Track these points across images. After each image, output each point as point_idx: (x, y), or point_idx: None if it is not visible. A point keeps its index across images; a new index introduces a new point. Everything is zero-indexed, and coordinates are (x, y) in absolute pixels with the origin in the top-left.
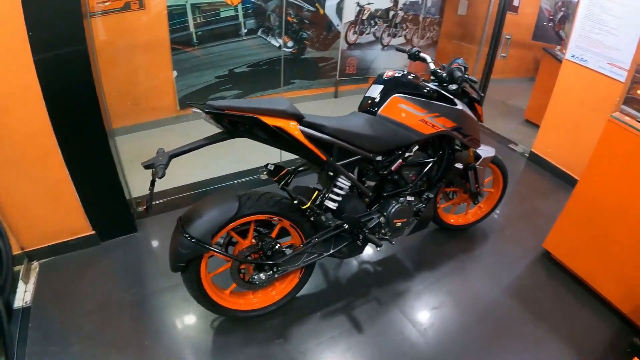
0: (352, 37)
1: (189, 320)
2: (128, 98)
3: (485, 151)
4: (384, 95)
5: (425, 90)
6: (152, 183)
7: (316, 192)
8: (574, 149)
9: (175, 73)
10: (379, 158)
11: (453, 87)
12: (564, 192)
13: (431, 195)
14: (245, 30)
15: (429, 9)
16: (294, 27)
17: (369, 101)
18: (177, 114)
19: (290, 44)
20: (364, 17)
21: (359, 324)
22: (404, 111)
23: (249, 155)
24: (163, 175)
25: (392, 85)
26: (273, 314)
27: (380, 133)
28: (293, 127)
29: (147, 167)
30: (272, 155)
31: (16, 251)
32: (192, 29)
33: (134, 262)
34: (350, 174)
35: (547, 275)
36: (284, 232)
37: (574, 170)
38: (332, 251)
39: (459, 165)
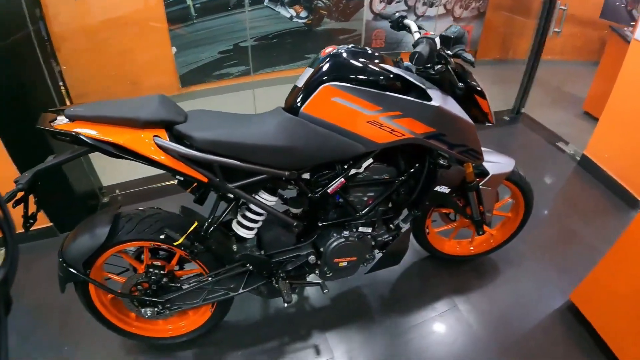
0: (379, 6)
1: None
2: (127, 78)
3: (497, 165)
4: (313, 83)
5: (381, 77)
6: (19, 202)
7: (195, 224)
8: (638, 159)
9: (174, 49)
10: (306, 176)
11: (437, 71)
12: (618, 217)
13: (403, 225)
14: (250, 0)
15: None
16: None
17: (295, 92)
18: (180, 92)
19: (303, 14)
20: None
21: None
22: (342, 108)
23: None
24: (13, 195)
25: (326, 69)
26: (188, 344)
27: (298, 142)
28: (141, 140)
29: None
30: None
31: None
32: (189, 1)
33: None
34: (260, 197)
35: (566, 336)
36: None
37: (636, 188)
38: (242, 290)
39: (444, 189)
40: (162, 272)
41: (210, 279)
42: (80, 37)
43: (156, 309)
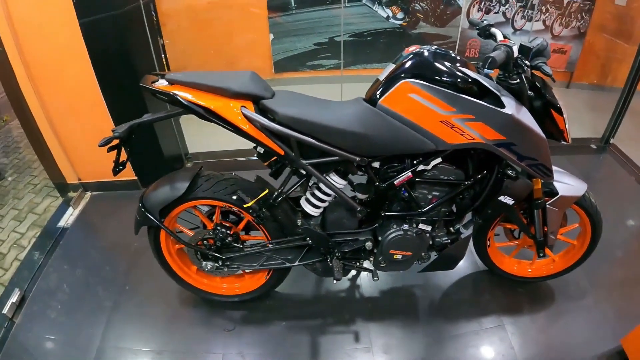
0: (476, 15)
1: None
2: (223, 57)
3: (569, 187)
4: (393, 78)
5: (459, 80)
6: (110, 149)
7: (266, 191)
8: None
9: (271, 36)
10: (376, 165)
11: (514, 80)
12: None
13: (464, 231)
14: None
15: None
16: None
17: (376, 85)
18: (272, 77)
19: (399, 15)
20: None
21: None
22: (417, 105)
23: None
24: (105, 142)
25: (408, 66)
26: (238, 305)
27: (372, 131)
28: (230, 108)
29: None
30: None
31: (73, 181)
32: None
33: None
34: (330, 178)
35: None
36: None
37: None
38: (298, 263)
39: (508, 200)
40: (228, 231)
41: (271, 245)
42: (184, 16)
43: (216, 264)
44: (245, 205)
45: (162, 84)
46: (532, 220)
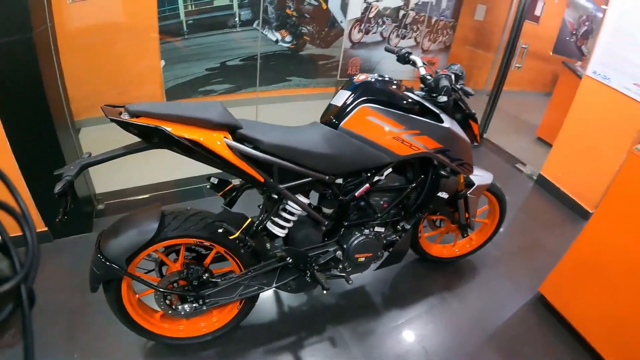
0: (356, 36)
1: (125, 337)
2: (114, 87)
3: (480, 177)
4: (351, 104)
5: (405, 102)
6: (60, 195)
7: (249, 220)
8: (588, 177)
9: (163, 62)
10: (339, 181)
11: (442, 99)
12: (572, 226)
13: (407, 227)
14: (240, 22)
15: (443, 11)
16: (293, 20)
17: (333, 111)
18: None
19: (288, 38)
20: (371, 15)
21: None
22: (374, 125)
23: None
24: (63, 188)
25: (362, 92)
26: (210, 343)
27: (340, 151)
28: (216, 141)
29: (57, 176)
30: None
31: None
32: (182, 17)
33: (83, 263)
34: (299, 199)
35: (539, 323)
36: (223, 257)
37: (586, 201)
38: (275, 285)
39: (444, 195)
40: (201, 268)
41: (250, 273)
42: (74, 42)
43: (195, 305)
44: (231, 237)
45: (125, 116)
46: (456, 208)
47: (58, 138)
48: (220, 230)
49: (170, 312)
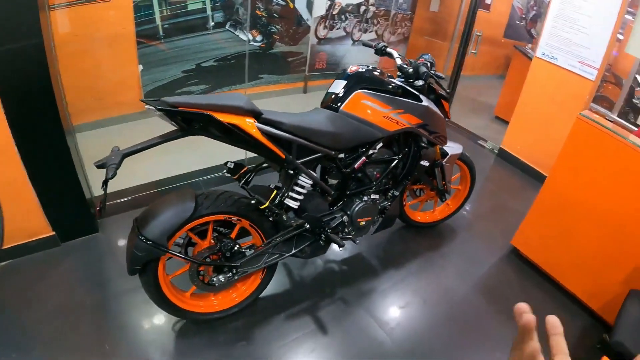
0: (322, 32)
1: (150, 322)
2: (92, 93)
3: (452, 148)
4: (347, 91)
5: (390, 87)
6: (104, 183)
7: (275, 191)
8: (543, 146)
9: (141, 67)
10: (342, 155)
11: (419, 83)
12: (533, 189)
13: (396, 193)
14: (213, 24)
15: (400, 5)
16: (263, 20)
17: (332, 97)
18: (143, 110)
19: (258, 38)
20: (335, 12)
21: (323, 324)
22: (368, 107)
23: (216, 150)
24: (114, 175)
25: (355, 81)
26: (236, 315)
27: (342, 130)
28: (249, 125)
29: (99, 166)
30: (238, 151)
31: None
32: (158, 21)
33: (95, 263)
34: (311, 172)
35: (515, 272)
36: (244, 232)
37: (543, 167)
38: (294, 251)
39: (425, 163)
40: (231, 242)
41: (273, 241)
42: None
43: (229, 275)
44: (261, 207)
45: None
46: (434, 176)
47: (67, 142)
48: (252, 202)
49: (204, 287)
